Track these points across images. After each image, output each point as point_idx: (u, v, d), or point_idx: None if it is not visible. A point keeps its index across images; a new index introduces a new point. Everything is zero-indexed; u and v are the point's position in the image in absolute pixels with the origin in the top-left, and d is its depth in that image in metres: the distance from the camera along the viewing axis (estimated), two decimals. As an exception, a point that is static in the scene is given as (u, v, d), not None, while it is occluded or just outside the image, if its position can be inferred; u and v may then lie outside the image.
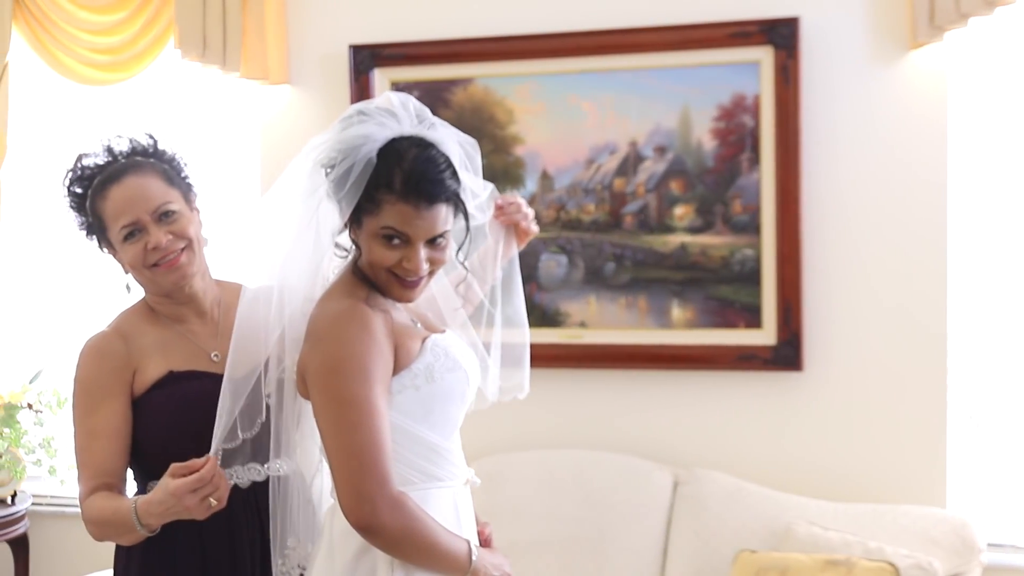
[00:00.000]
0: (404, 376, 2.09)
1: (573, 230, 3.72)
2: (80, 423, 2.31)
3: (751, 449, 3.62)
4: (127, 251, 2.30)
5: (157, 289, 2.34)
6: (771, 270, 3.55)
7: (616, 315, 3.71)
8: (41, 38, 4.07)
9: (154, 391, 2.30)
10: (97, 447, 2.28)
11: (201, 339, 2.37)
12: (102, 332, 2.37)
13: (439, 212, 2.05)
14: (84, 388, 2.31)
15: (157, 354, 2.33)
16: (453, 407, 2.15)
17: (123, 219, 2.29)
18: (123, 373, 2.31)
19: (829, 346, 3.55)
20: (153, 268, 2.30)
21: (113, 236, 2.31)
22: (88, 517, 2.25)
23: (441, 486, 2.14)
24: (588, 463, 3.61)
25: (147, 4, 3.92)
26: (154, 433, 2.30)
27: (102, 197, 2.30)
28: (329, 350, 2.04)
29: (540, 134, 3.73)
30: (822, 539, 3.23)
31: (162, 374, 2.31)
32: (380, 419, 2.02)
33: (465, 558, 2.10)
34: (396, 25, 3.84)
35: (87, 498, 2.26)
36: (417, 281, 2.10)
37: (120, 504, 2.21)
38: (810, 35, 3.50)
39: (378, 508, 1.99)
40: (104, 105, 4.17)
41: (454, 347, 2.17)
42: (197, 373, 2.32)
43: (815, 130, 3.52)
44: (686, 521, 3.47)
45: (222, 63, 3.82)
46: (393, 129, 2.07)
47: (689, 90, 3.60)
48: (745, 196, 3.57)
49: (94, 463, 2.28)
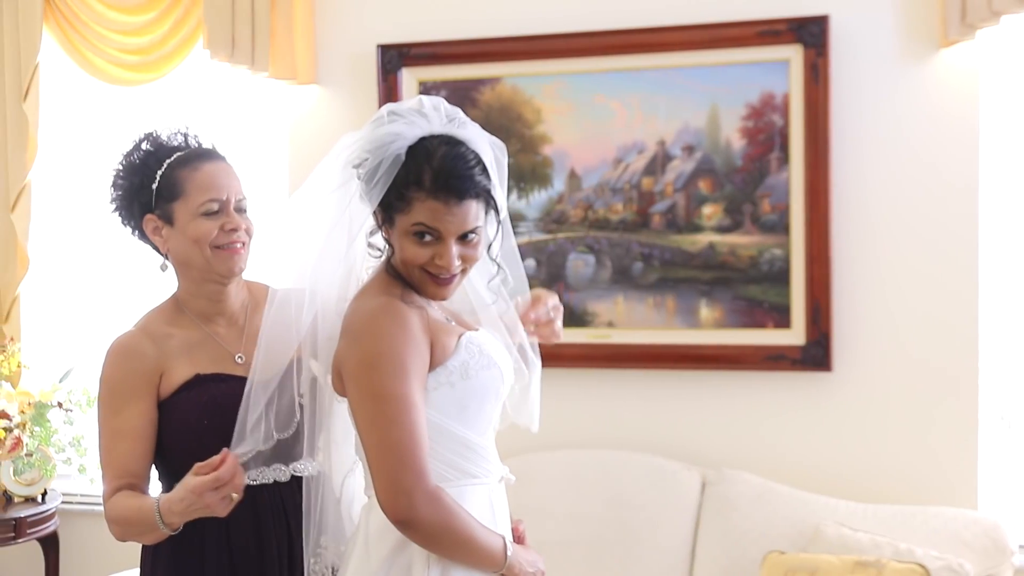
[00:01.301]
0: (439, 373, 2.10)
1: (601, 230, 3.71)
2: (105, 423, 2.31)
3: (780, 450, 3.61)
4: (200, 225, 2.30)
5: (200, 274, 2.34)
6: (800, 270, 3.53)
7: (644, 315, 3.70)
8: (71, 39, 4.10)
9: (181, 393, 2.31)
10: (122, 448, 2.28)
11: (227, 341, 2.38)
12: (129, 332, 2.37)
13: (469, 208, 2.06)
14: (110, 388, 2.32)
15: (184, 356, 2.33)
16: (488, 404, 2.15)
17: (213, 193, 2.31)
18: (150, 375, 2.31)
19: (859, 346, 3.53)
20: (216, 249, 2.31)
21: (189, 207, 2.30)
22: (111, 516, 2.26)
23: (476, 483, 2.14)
24: (616, 463, 3.60)
25: (176, 5, 3.94)
26: (180, 435, 2.30)
27: (192, 168, 2.32)
28: (366, 346, 2.05)
29: (568, 133, 3.72)
30: (851, 540, 3.21)
31: (189, 376, 2.31)
32: (417, 414, 2.03)
33: (500, 553, 2.10)
34: (424, 24, 3.84)
35: (110, 497, 2.26)
36: (450, 279, 2.11)
37: (143, 502, 2.22)
38: (840, 33, 3.48)
39: (415, 502, 2.00)
40: (133, 105, 4.19)
41: (489, 345, 2.17)
42: (223, 376, 2.32)
43: (845, 129, 3.50)
44: (714, 522, 3.45)
45: (251, 63, 3.83)
46: (423, 128, 2.08)
47: (718, 89, 3.59)
48: (774, 195, 3.56)
49: (118, 464, 2.28)
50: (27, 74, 4.08)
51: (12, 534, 3.80)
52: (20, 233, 4.11)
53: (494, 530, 2.12)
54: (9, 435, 3.67)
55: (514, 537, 2.25)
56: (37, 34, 4.08)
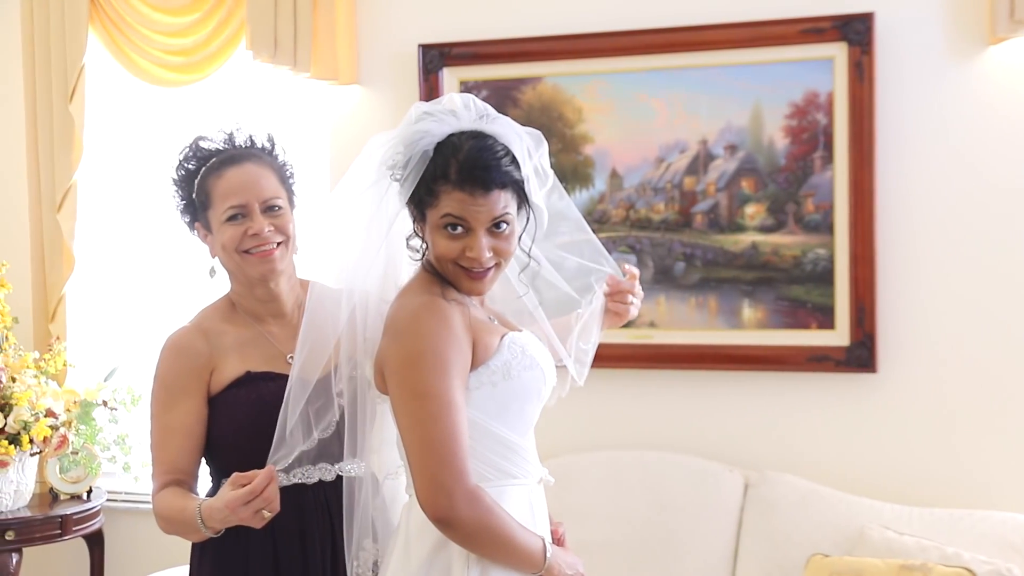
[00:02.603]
0: (481, 372, 2.10)
1: (642, 229, 3.69)
2: (157, 418, 2.35)
3: (823, 452, 3.57)
4: (225, 231, 2.33)
5: (244, 277, 2.37)
6: (844, 270, 3.50)
7: (686, 315, 3.68)
8: (117, 40, 4.13)
9: (231, 390, 2.34)
10: (171, 444, 2.32)
11: (279, 340, 2.40)
12: (184, 328, 2.41)
13: (496, 198, 2.07)
14: (163, 384, 2.35)
15: (235, 354, 2.36)
16: (529, 405, 2.15)
17: (233, 199, 2.33)
18: (202, 372, 2.34)
19: (904, 347, 3.49)
20: (244, 254, 2.33)
21: (216, 214, 2.35)
22: (158, 511, 2.30)
23: (516, 483, 2.14)
24: (657, 464, 3.58)
25: (220, 6, 3.96)
26: (229, 432, 2.33)
27: (217, 176, 2.35)
28: (408, 344, 2.06)
29: (609, 133, 3.71)
30: (897, 544, 3.17)
31: (239, 374, 2.34)
32: (458, 412, 2.03)
33: (540, 554, 2.10)
34: (465, 24, 3.84)
35: (158, 492, 2.30)
36: (484, 272, 2.11)
37: (187, 504, 2.24)
38: (885, 31, 3.44)
39: (455, 500, 2.00)
40: (177, 106, 4.22)
41: (531, 345, 2.17)
42: (273, 375, 2.34)
43: (890, 127, 3.46)
44: (757, 524, 3.43)
45: (293, 64, 3.85)
46: (452, 125, 2.11)
47: (761, 87, 3.56)
48: (818, 195, 3.52)
49: (167, 459, 2.32)
50: (73, 76, 4.12)
51: (58, 531, 3.84)
52: (66, 233, 4.16)
53: (533, 531, 2.12)
54: (55, 433, 3.70)
55: (553, 539, 2.24)
56: (83, 36, 4.12)
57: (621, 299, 2.43)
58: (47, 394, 3.76)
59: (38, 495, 3.97)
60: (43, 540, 3.83)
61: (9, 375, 3.68)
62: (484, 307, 2.24)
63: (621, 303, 2.43)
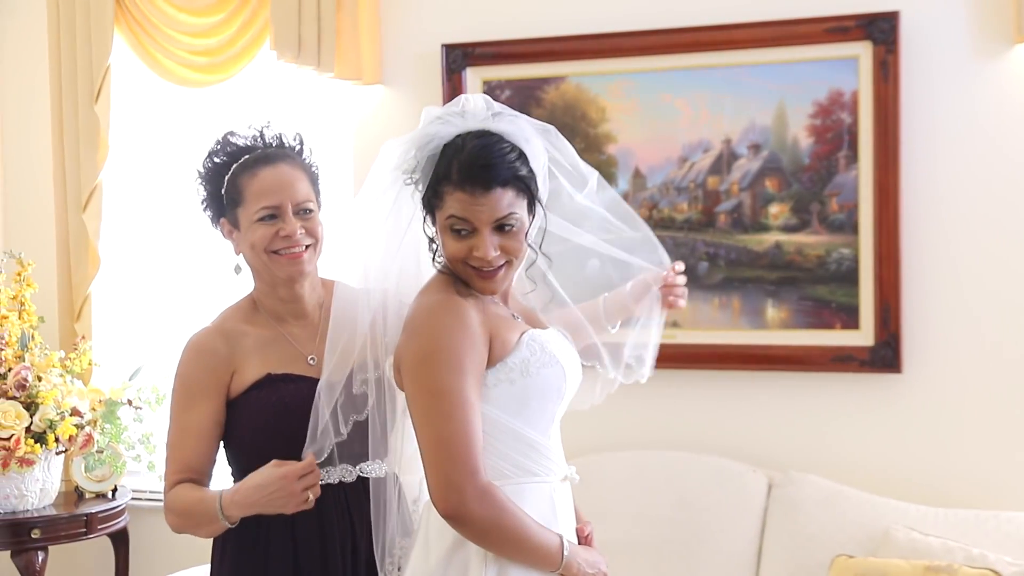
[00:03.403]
0: (499, 370, 2.11)
1: (666, 229, 3.69)
2: (175, 418, 2.37)
3: (847, 452, 3.56)
4: (256, 231, 2.33)
5: (270, 277, 2.38)
6: (869, 270, 3.48)
7: (709, 315, 3.67)
8: (142, 41, 4.15)
9: (251, 392, 2.34)
10: (188, 444, 2.34)
11: (300, 342, 2.40)
12: (205, 329, 2.42)
13: (497, 197, 2.07)
14: (183, 384, 2.37)
15: (256, 355, 2.36)
16: (549, 403, 2.15)
17: (268, 199, 2.33)
18: (222, 373, 2.35)
19: (929, 347, 3.47)
20: (273, 255, 2.34)
21: (247, 213, 2.35)
22: (171, 506, 2.32)
23: (537, 481, 2.14)
24: (681, 464, 3.58)
25: (244, 6, 3.98)
26: (248, 434, 2.34)
27: (252, 174, 2.35)
28: (422, 341, 2.08)
29: (633, 132, 3.70)
30: (922, 545, 3.15)
31: (260, 376, 2.35)
32: (470, 410, 2.04)
33: (556, 552, 2.09)
34: (488, 24, 3.84)
35: (171, 489, 2.33)
36: (493, 271, 2.11)
37: (204, 494, 2.28)
38: (910, 29, 3.43)
39: (466, 497, 2.01)
40: (201, 106, 4.24)
41: (553, 343, 2.17)
42: (293, 376, 2.35)
43: (915, 127, 3.44)
44: (781, 524, 3.41)
45: (316, 64, 3.86)
46: (458, 126, 2.13)
47: (785, 87, 3.55)
48: (842, 194, 3.51)
49: (182, 459, 2.34)
50: (98, 76, 4.14)
51: (83, 529, 3.86)
52: (91, 233, 4.18)
53: (552, 529, 2.12)
54: (80, 432, 3.72)
55: (579, 538, 2.24)
56: (108, 37, 4.14)
57: (669, 292, 2.50)
58: (72, 393, 3.78)
59: (63, 493, 4.00)
60: (68, 538, 3.86)
61: (35, 374, 3.71)
62: (508, 304, 2.24)
63: (671, 296, 2.50)
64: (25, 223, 4.44)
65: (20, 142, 4.46)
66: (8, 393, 3.66)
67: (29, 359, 3.77)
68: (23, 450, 3.61)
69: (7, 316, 3.80)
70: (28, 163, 4.42)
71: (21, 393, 3.66)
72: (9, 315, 3.81)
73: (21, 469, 3.67)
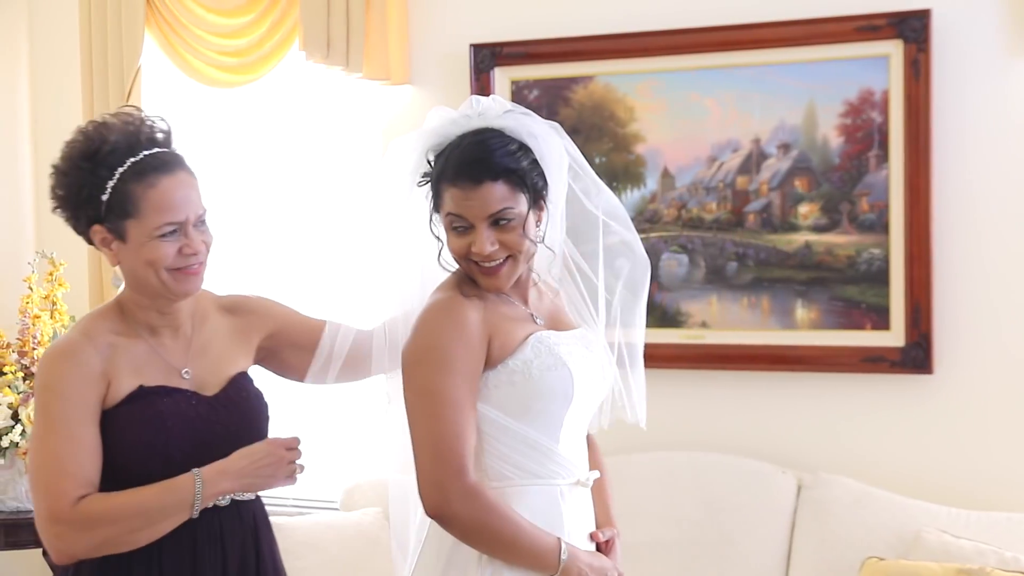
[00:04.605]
0: (500, 371, 2.11)
1: (694, 229, 3.67)
2: (58, 430, 2.11)
3: (878, 453, 3.53)
4: (157, 248, 2.14)
5: (156, 293, 2.19)
6: (900, 270, 3.45)
7: (738, 315, 3.65)
8: (172, 41, 4.18)
9: (123, 406, 2.16)
10: (82, 457, 2.11)
11: (173, 355, 2.24)
12: (71, 338, 2.20)
13: (489, 191, 2.07)
14: (60, 394, 2.13)
15: (128, 367, 2.18)
16: (555, 406, 2.12)
17: (171, 215, 2.14)
18: (99, 384, 2.15)
19: (961, 348, 3.44)
20: (172, 271, 2.16)
21: (144, 228, 2.14)
22: (94, 516, 2.09)
23: (542, 484, 2.13)
24: (709, 465, 3.56)
25: (273, 7, 3.99)
26: (123, 450, 2.16)
27: (148, 184, 2.13)
28: (416, 341, 2.10)
29: (661, 132, 3.69)
30: (954, 547, 3.13)
31: (132, 388, 2.17)
32: (458, 410, 2.04)
33: (551, 555, 2.08)
34: (516, 23, 3.84)
35: (78, 503, 2.09)
36: (496, 267, 2.11)
37: (161, 484, 2.11)
38: (942, 28, 3.40)
39: (450, 497, 2.02)
40: (231, 106, 4.25)
41: (565, 345, 2.15)
42: (168, 389, 2.20)
43: (947, 126, 3.41)
44: (810, 526, 3.40)
45: (345, 64, 3.87)
46: (463, 127, 2.14)
47: (814, 86, 3.53)
48: (873, 194, 3.48)
49: (80, 473, 2.10)
50: (129, 77, 4.17)
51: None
52: (122, 233, 4.20)
53: (556, 533, 2.10)
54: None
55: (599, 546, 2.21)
56: (139, 38, 4.17)
57: None
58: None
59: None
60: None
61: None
62: (530, 303, 2.22)
63: None
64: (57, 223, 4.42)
65: (53, 143, 4.39)
66: (40, 392, 3.68)
67: (60, 358, 3.80)
68: (54, 448, 3.64)
69: (39, 316, 3.83)
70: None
71: (53, 392, 3.69)
72: (41, 315, 3.84)
73: (52, 467, 3.70)
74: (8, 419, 3.61)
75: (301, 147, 4.22)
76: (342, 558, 3.55)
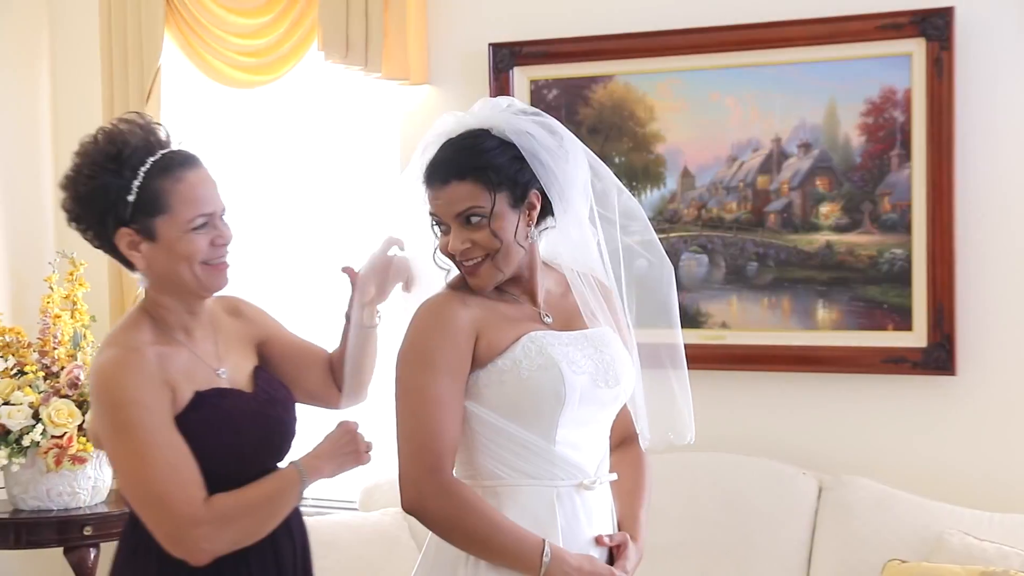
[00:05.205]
0: (490, 371, 2.11)
1: (714, 229, 3.66)
2: (155, 442, 2.09)
3: (899, 455, 3.51)
4: (191, 241, 2.14)
5: (186, 291, 2.19)
6: (922, 270, 3.43)
7: (759, 316, 3.63)
8: (192, 42, 4.19)
9: (189, 414, 2.15)
10: (190, 461, 2.11)
11: (208, 356, 2.24)
12: (119, 354, 2.14)
13: (455, 190, 2.09)
14: (141, 406, 2.09)
15: (180, 375, 2.16)
16: (546, 406, 2.10)
17: (202, 207, 2.15)
18: (166, 392, 2.13)
19: (984, 349, 3.41)
20: (205, 266, 2.16)
21: (177, 222, 2.13)
22: (230, 512, 2.12)
23: (536, 484, 2.12)
24: (730, 466, 3.54)
25: (292, 7, 4.00)
26: (197, 456, 2.13)
27: (175, 179, 2.14)
28: (403, 340, 2.13)
29: (681, 131, 3.67)
30: (977, 550, 3.11)
31: (191, 396, 2.16)
32: (438, 408, 2.06)
33: (532, 556, 2.06)
34: (536, 23, 3.83)
35: (208, 503, 2.11)
36: (474, 267, 2.12)
37: (268, 479, 2.18)
38: (965, 26, 3.37)
39: (424, 494, 2.05)
40: (250, 106, 4.26)
41: (559, 346, 2.13)
42: (220, 391, 2.20)
43: (970, 125, 3.38)
44: (832, 528, 3.38)
45: (364, 64, 3.87)
46: (455, 128, 2.16)
47: (836, 85, 3.50)
48: (895, 193, 3.46)
49: (196, 477, 2.11)
50: (149, 77, 4.18)
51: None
52: (142, 232, 4.21)
53: (544, 534, 2.09)
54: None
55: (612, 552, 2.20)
56: (159, 38, 4.18)
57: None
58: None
59: (114, 491, 4.03)
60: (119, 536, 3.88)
61: (87, 373, 3.75)
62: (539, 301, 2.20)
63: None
64: (77, 223, 4.48)
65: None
66: (61, 391, 3.70)
67: (81, 358, 3.82)
68: (75, 448, 3.66)
69: (60, 315, 3.85)
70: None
71: (74, 392, 3.71)
72: (62, 314, 3.86)
73: (74, 467, 3.71)
74: (29, 418, 3.63)
75: (320, 147, 4.22)
76: (361, 558, 3.55)
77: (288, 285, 4.19)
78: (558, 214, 2.16)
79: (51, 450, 3.64)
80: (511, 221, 2.10)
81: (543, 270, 2.23)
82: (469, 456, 2.14)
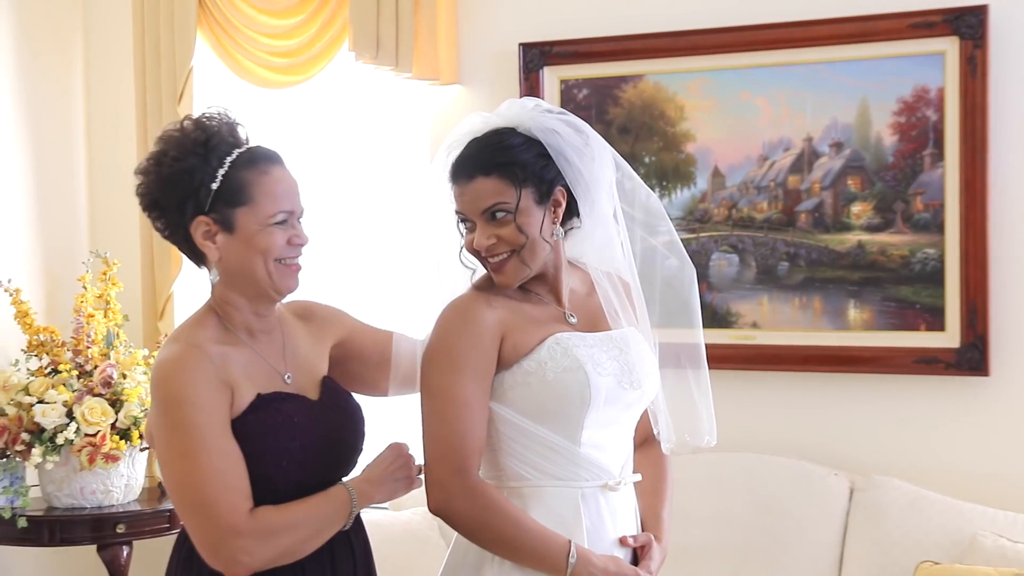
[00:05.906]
0: (515, 371, 2.11)
1: (745, 229, 3.64)
2: (206, 445, 2.03)
3: (932, 456, 3.48)
4: (270, 235, 2.10)
5: (258, 290, 2.14)
6: (955, 270, 3.40)
7: (790, 316, 3.62)
8: (223, 43, 4.21)
9: (249, 416, 2.10)
10: (240, 468, 2.05)
11: (274, 360, 2.19)
12: (180, 351, 2.09)
13: (480, 186, 2.09)
14: (197, 406, 2.04)
15: (242, 375, 2.12)
16: (571, 407, 2.10)
17: (285, 203, 2.12)
18: (225, 393, 2.08)
19: (1018, 349, 3.39)
20: (279, 263, 2.12)
21: (258, 215, 2.10)
22: (274, 526, 2.05)
23: (561, 485, 2.12)
24: (760, 467, 3.53)
25: (323, 8, 4.01)
26: (255, 460, 2.09)
27: (261, 171, 2.12)
28: (430, 341, 2.13)
29: (711, 131, 3.66)
30: (1011, 552, 3.08)
31: (252, 397, 2.11)
32: (464, 409, 2.06)
33: (558, 557, 2.07)
34: (566, 22, 3.83)
35: (253, 514, 2.04)
36: (500, 263, 2.12)
37: (318, 496, 2.11)
38: (999, 24, 3.34)
39: (451, 495, 2.06)
40: (281, 106, 4.27)
41: (584, 347, 2.13)
42: (284, 395, 2.15)
43: (1004, 124, 3.36)
44: (863, 529, 3.36)
45: (395, 64, 3.88)
46: (481, 128, 2.18)
47: (867, 84, 3.48)
48: (927, 193, 3.44)
49: (243, 485, 2.05)
50: (181, 78, 4.20)
51: (167, 525, 3.92)
52: (174, 233, 4.24)
53: (569, 535, 2.09)
54: (163, 428, 3.78)
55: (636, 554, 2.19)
56: (191, 39, 4.20)
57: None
58: (156, 390, 3.84)
59: (147, 489, 4.06)
60: (152, 533, 3.92)
61: (120, 371, 3.77)
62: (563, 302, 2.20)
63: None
64: (111, 223, 4.52)
65: (106, 143, 4.54)
66: (94, 390, 3.73)
67: (114, 357, 3.84)
68: (108, 446, 3.68)
69: (93, 315, 3.88)
70: (114, 164, 4.50)
71: (107, 390, 3.73)
72: (95, 313, 3.89)
73: (107, 465, 3.74)
74: (63, 416, 3.66)
75: (350, 147, 4.24)
76: (392, 558, 3.55)
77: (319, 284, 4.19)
78: (583, 213, 2.16)
79: (84, 448, 3.67)
80: (536, 217, 2.11)
81: (568, 269, 2.23)
82: (494, 457, 2.15)
